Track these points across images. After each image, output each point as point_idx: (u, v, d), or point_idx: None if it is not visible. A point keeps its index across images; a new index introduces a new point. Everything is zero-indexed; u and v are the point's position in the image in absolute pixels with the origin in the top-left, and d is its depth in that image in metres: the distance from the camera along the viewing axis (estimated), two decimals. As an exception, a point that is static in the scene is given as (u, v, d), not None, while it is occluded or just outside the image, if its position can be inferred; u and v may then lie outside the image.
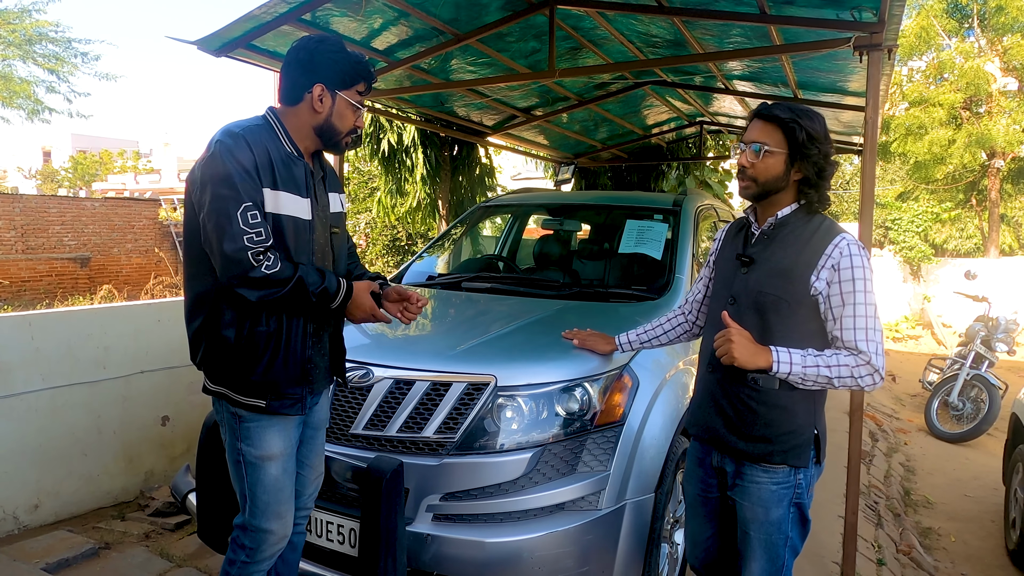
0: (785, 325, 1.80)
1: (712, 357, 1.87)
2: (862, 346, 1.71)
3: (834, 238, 1.77)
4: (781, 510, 1.86)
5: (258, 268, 1.70)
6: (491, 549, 2.05)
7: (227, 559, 1.94)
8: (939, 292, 13.19)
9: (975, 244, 18.06)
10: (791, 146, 1.78)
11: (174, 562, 2.92)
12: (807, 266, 1.77)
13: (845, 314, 1.74)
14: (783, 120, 1.78)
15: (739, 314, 1.85)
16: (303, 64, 1.84)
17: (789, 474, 1.84)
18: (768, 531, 1.87)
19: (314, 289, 1.77)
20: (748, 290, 1.86)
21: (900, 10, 2.85)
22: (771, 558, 1.88)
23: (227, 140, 1.74)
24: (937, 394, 6.79)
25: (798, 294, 1.78)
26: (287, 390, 1.84)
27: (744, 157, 1.83)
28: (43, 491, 3.27)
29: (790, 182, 1.82)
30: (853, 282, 1.73)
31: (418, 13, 3.70)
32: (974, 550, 4.05)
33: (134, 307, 3.71)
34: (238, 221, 1.68)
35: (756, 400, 1.83)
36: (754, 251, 1.89)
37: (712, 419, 1.93)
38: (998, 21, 13.62)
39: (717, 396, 1.91)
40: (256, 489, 1.87)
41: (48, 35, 15.47)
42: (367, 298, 1.89)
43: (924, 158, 14.45)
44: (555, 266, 3.86)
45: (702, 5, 3.53)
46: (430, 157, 7.32)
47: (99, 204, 15.39)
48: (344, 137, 1.91)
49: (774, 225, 1.87)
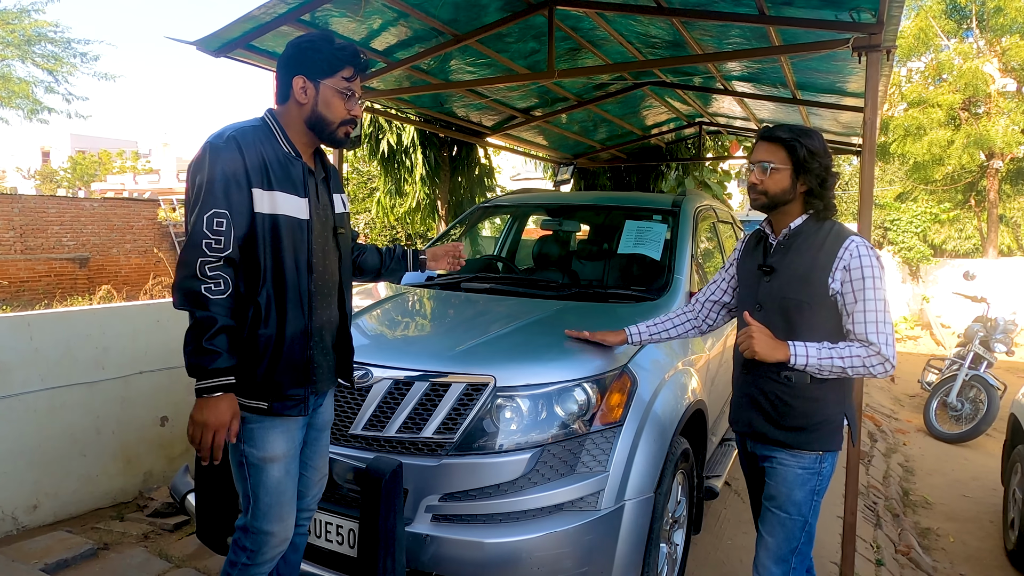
0: (808, 324, 1.99)
1: (745, 360, 2.08)
2: (872, 338, 1.90)
3: (844, 241, 1.97)
4: (804, 493, 2.06)
5: (202, 280, 1.67)
6: (490, 550, 2.04)
7: (228, 560, 1.94)
8: (938, 293, 13.21)
9: (974, 245, 18.10)
10: (794, 162, 1.99)
11: (173, 563, 2.92)
12: (823, 270, 1.97)
13: (857, 309, 1.93)
14: (785, 140, 2.00)
15: (767, 318, 2.04)
16: (286, 60, 1.86)
17: (815, 460, 2.05)
18: (788, 511, 2.07)
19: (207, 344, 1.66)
20: (772, 296, 2.06)
21: (899, 11, 2.85)
22: (787, 537, 2.08)
23: (216, 143, 1.74)
24: (936, 395, 6.79)
25: (818, 296, 1.98)
26: (289, 391, 1.84)
27: (754, 175, 2.05)
28: (42, 492, 3.26)
29: (797, 194, 2.03)
30: (863, 280, 1.93)
31: (417, 14, 3.70)
32: (973, 550, 4.06)
33: (133, 307, 3.71)
34: (203, 224, 1.68)
35: (790, 395, 2.02)
36: (774, 260, 2.08)
37: (751, 415, 2.11)
38: (997, 22, 13.65)
39: (754, 394, 2.10)
40: (259, 491, 1.86)
41: (47, 35, 15.48)
42: (227, 415, 1.71)
43: (923, 159, 14.48)
44: (554, 267, 3.86)
45: (701, 6, 3.53)
46: (429, 157, 7.32)
47: (98, 204, 15.38)
48: (337, 128, 1.88)
49: (789, 235, 2.07)
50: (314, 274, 1.88)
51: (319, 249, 1.90)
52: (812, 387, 2.00)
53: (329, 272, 1.95)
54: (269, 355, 1.79)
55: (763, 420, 2.08)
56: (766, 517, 2.14)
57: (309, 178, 1.88)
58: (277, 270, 1.79)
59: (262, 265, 1.77)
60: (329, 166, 2.03)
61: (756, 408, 2.09)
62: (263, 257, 1.77)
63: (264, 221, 1.76)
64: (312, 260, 1.86)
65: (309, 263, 1.85)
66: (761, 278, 2.11)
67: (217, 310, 1.69)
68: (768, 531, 2.13)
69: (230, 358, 1.71)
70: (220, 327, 1.69)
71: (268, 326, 1.79)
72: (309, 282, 1.86)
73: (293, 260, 1.81)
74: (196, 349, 1.68)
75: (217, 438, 1.72)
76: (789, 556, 2.10)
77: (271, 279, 1.79)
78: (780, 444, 2.06)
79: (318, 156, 1.98)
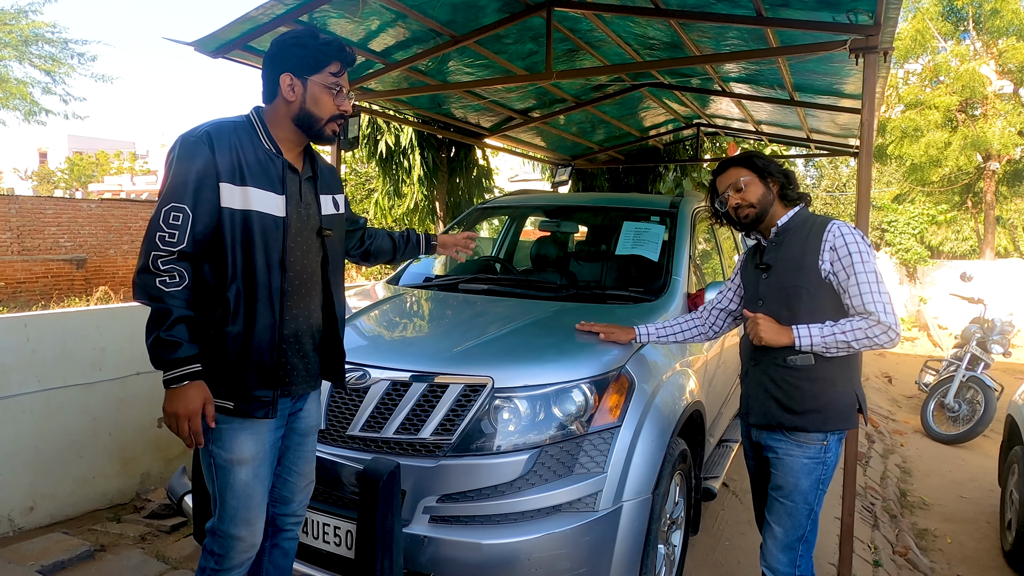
0: (808, 309, 2.10)
1: (753, 353, 2.22)
2: (869, 308, 2.00)
3: (827, 225, 2.13)
4: (810, 481, 2.14)
5: (155, 274, 1.67)
6: (488, 551, 2.04)
7: (199, 567, 1.90)
8: (935, 294, 13.24)
9: (971, 246, 18.14)
10: (757, 171, 2.24)
11: (170, 564, 2.91)
12: (812, 254, 2.11)
13: (850, 283, 2.05)
14: (740, 160, 2.27)
15: (769, 310, 2.17)
16: (271, 58, 1.84)
17: (820, 450, 2.13)
18: (795, 500, 2.15)
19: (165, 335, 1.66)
20: (772, 288, 2.19)
21: (896, 13, 2.85)
22: (794, 525, 2.16)
23: (187, 138, 1.74)
24: (933, 396, 6.80)
25: (813, 280, 2.10)
26: (256, 392, 1.79)
27: (733, 198, 2.24)
28: (38, 493, 3.26)
29: (774, 194, 2.24)
30: (850, 256, 2.05)
31: (415, 15, 3.70)
32: (970, 551, 4.06)
33: (130, 308, 3.70)
34: (159, 217, 1.68)
35: (800, 378, 2.11)
36: (769, 258, 2.23)
37: (767, 405, 2.18)
38: (993, 24, 13.69)
39: (766, 384, 2.18)
40: (225, 493, 1.82)
41: (44, 36, 15.43)
42: (197, 401, 1.69)
43: (920, 160, 14.51)
44: (552, 268, 3.86)
45: (698, 7, 3.54)
46: (427, 159, 7.32)
47: (95, 205, 15.36)
48: (327, 124, 1.86)
49: (778, 232, 2.23)
50: (289, 273, 1.83)
51: (296, 248, 1.86)
52: (819, 368, 2.09)
53: (308, 272, 1.90)
54: (236, 353, 1.76)
55: (778, 408, 2.15)
56: (773, 506, 2.21)
57: (290, 176, 1.85)
58: (247, 267, 1.76)
59: (230, 261, 1.74)
60: (321, 166, 2.00)
61: (770, 397, 2.17)
62: (231, 253, 1.74)
63: (233, 216, 1.74)
64: (287, 259, 1.82)
65: (283, 262, 1.81)
66: (760, 276, 2.24)
67: (172, 302, 1.68)
68: (776, 520, 2.20)
69: (191, 347, 1.70)
70: (176, 317, 1.67)
71: (236, 323, 1.76)
72: (283, 281, 1.81)
73: (264, 257, 1.78)
74: (156, 341, 1.67)
75: (193, 425, 1.71)
76: (796, 544, 2.18)
77: (241, 275, 1.76)
78: (797, 429, 2.13)
79: (307, 155, 1.95)
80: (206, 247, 1.74)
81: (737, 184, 2.22)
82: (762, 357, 2.18)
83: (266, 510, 1.92)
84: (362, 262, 2.43)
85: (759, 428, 2.26)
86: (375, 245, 2.36)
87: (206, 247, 1.74)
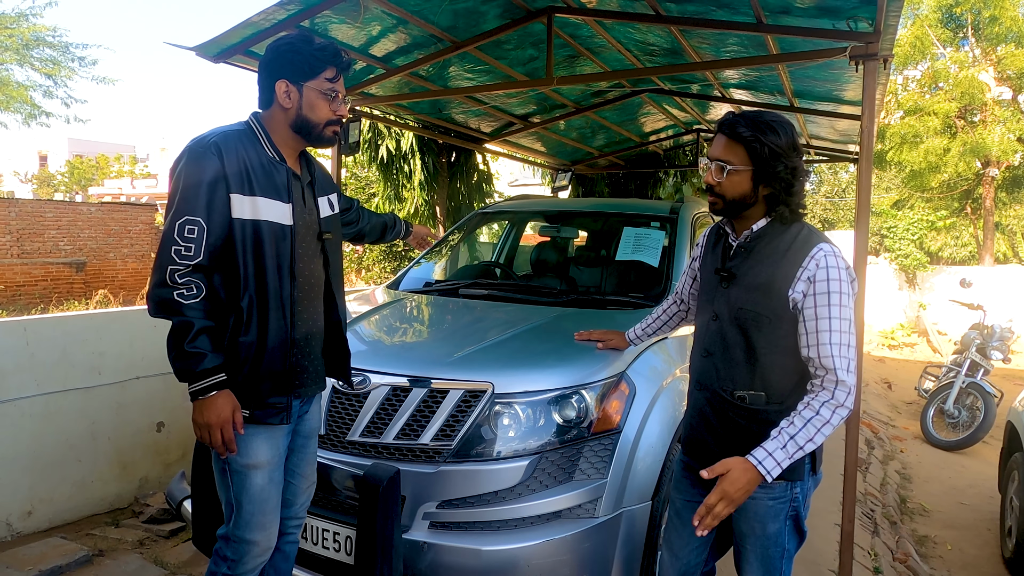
0: (767, 340, 1.76)
1: (700, 374, 1.89)
2: (828, 363, 1.65)
3: (811, 249, 1.72)
4: (778, 524, 1.81)
5: (173, 287, 1.67)
6: (487, 557, 2.04)
7: (208, 571, 1.91)
8: (934, 300, 13.23)
9: (970, 252, 18.15)
10: (756, 164, 1.73)
11: (168, 569, 2.90)
12: (785, 279, 1.72)
13: (820, 328, 1.67)
14: (746, 138, 1.72)
15: (721, 330, 1.83)
16: (267, 65, 1.84)
17: (786, 488, 1.79)
18: (765, 545, 1.84)
19: (189, 347, 1.67)
20: (729, 306, 1.82)
21: (896, 20, 2.86)
22: (768, 570, 1.85)
23: (196, 148, 1.74)
24: (933, 402, 6.80)
25: (778, 309, 1.74)
26: (270, 399, 1.81)
27: (710, 175, 1.80)
28: (37, 497, 3.25)
29: (759, 198, 1.78)
30: (828, 294, 1.67)
31: (416, 20, 3.71)
32: (970, 558, 4.05)
33: (129, 312, 3.70)
34: (174, 230, 1.68)
35: (745, 418, 1.79)
36: (733, 265, 1.84)
37: (704, 436, 1.89)
38: (992, 31, 13.72)
39: (707, 414, 1.87)
40: (242, 498, 1.84)
41: (45, 39, 15.44)
42: (227, 410, 1.71)
43: (919, 167, 14.53)
44: (552, 273, 3.86)
45: (699, 14, 3.54)
46: (428, 163, 7.33)
47: (95, 209, 15.37)
48: (324, 128, 1.86)
49: (751, 237, 1.82)
50: (298, 280, 1.85)
51: (303, 255, 1.88)
52: (769, 410, 1.76)
53: (315, 278, 1.93)
54: (250, 363, 1.77)
55: (714, 443, 1.84)
56: (742, 555, 1.88)
57: (294, 183, 1.86)
58: (259, 276, 1.77)
59: (242, 271, 1.75)
60: (316, 168, 2.00)
61: (708, 430, 1.86)
62: (243, 263, 1.75)
63: (244, 227, 1.75)
64: (296, 266, 1.84)
65: (292, 269, 1.83)
66: (718, 284, 1.87)
67: (192, 314, 1.68)
68: (748, 568, 1.87)
69: (216, 357, 1.71)
70: (199, 329, 1.68)
71: (249, 333, 1.77)
72: (293, 288, 1.83)
73: (275, 266, 1.79)
74: (180, 354, 1.68)
75: (226, 433, 1.72)
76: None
77: (253, 285, 1.77)
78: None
79: (303, 158, 1.96)
80: (218, 258, 1.74)
81: (722, 165, 1.76)
82: (709, 381, 1.85)
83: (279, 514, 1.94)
84: (355, 243, 2.51)
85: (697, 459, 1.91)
86: (367, 227, 2.57)
87: (218, 258, 1.74)
